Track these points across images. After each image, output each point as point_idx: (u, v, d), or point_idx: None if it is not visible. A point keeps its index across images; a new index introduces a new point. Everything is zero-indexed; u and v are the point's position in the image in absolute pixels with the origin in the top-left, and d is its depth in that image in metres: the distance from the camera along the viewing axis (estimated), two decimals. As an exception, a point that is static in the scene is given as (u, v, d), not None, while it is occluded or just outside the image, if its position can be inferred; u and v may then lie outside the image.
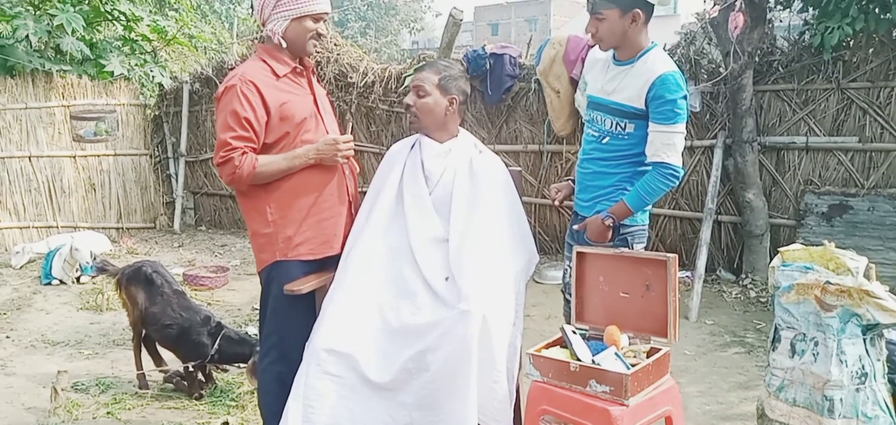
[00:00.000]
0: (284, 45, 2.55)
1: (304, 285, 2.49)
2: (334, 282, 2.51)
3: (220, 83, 2.56)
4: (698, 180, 5.82)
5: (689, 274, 5.39)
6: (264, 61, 2.56)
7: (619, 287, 2.48)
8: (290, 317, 2.57)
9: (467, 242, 2.43)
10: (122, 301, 3.84)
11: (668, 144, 2.58)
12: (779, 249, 2.87)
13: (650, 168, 2.66)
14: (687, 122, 2.69)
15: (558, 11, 45.05)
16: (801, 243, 3.19)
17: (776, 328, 2.78)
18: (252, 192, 2.54)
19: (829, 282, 2.54)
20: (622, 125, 2.69)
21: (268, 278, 2.60)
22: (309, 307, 2.56)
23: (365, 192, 2.72)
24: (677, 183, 2.66)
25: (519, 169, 2.96)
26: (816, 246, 2.75)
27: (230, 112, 2.42)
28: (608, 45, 2.71)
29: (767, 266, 5.36)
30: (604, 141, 2.76)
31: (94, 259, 5.57)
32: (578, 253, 2.58)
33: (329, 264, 2.62)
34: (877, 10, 4.85)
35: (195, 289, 5.67)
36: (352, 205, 2.70)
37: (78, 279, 5.91)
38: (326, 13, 2.60)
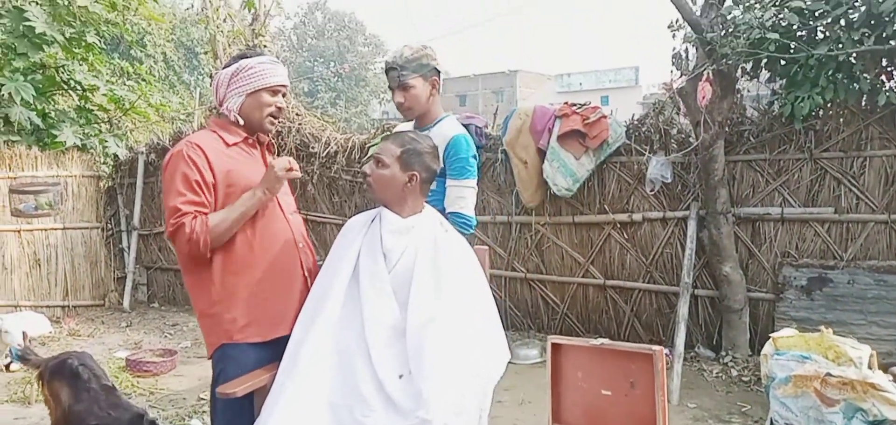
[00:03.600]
0: (241, 122, 2.43)
1: (238, 387, 2.16)
2: (282, 373, 2.20)
3: (172, 152, 2.39)
4: (673, 253, 5.62)
5: (667, 351, 5.14)
6: (215, 131, 2.43)
7: (600, 384, 2.21)
8: (240, 412, 2.28)
9: (429, 334, 2.15)
10: (44, 397, 3.43)
11: (460, 196, 2.81)
12: (770, 335, 2.64)
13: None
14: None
15: (524, 83, 46.02)
16: (797, 329, 2.95)
17: (772, 422, 2.52)
18: (195, 267, 2.32)
19: (830, 374, 2.29)
20: None
21: (217, 364, 2.36)
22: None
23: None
24: (471, 231, 2.81)
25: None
26: (807, 328, 2.53)
27: (180, 177, 2.26)
28: (416, 112, 2.92)
29: (748, 342, 5.21)
30: None
31: (29, 342, 5.09)
32: (553, 344, 2.31)
33: (282, 345, 2.34)
34: (845, 80, 4.79)
35: (138, 376, 5.22)
36: (308, 280, 2.46)
37: (7, 366, 5.40)
38: (284, 85, 2.47)
